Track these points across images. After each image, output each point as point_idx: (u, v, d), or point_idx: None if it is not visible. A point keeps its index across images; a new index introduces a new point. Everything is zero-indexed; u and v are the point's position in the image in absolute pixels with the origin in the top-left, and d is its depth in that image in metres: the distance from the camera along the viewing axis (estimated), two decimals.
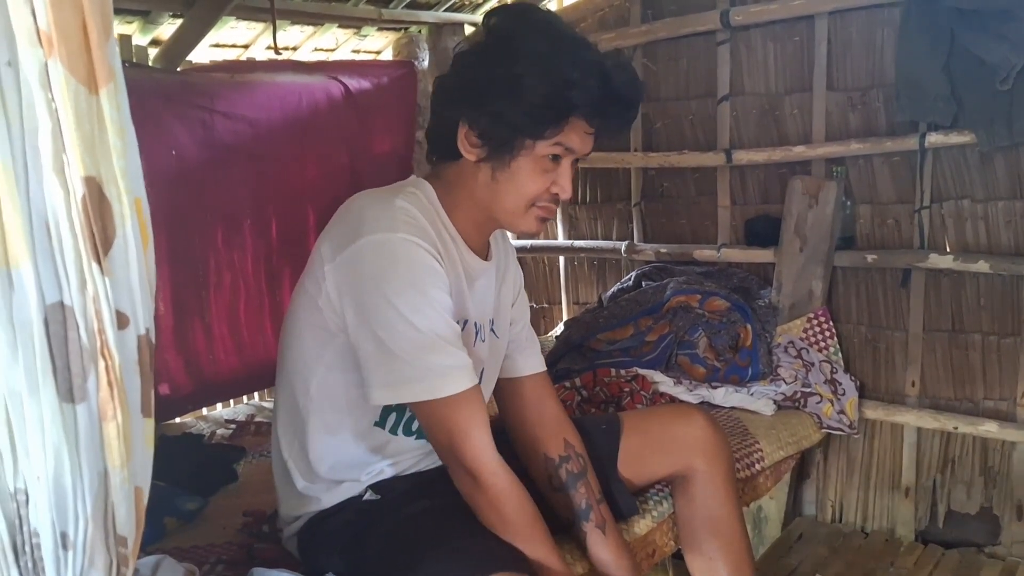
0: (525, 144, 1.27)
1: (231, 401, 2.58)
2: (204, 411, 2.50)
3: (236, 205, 2.39)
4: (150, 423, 0.67)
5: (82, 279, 0.59)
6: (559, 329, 2.98)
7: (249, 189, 2.40)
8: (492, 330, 1.47)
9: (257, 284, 2.47)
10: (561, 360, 2.65)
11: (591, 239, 3.13)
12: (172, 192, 2.20)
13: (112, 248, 0.59)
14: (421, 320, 1.22)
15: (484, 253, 1.43)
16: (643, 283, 2.81)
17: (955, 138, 2.26)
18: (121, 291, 0.61)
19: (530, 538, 1.27)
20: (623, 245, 2.96)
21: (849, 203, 2.50)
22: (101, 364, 0.60)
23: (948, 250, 2.37)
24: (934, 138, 2.29)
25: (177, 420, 2.38)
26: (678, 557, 1.71)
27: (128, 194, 0.60)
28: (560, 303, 3.30)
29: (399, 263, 1.23)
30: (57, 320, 0.59)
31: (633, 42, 2.81)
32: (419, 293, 1.22)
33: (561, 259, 3.25)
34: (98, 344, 0.60)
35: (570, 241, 3.16)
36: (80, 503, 0.61)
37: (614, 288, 2.90)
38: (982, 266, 2.27)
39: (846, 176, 2.49)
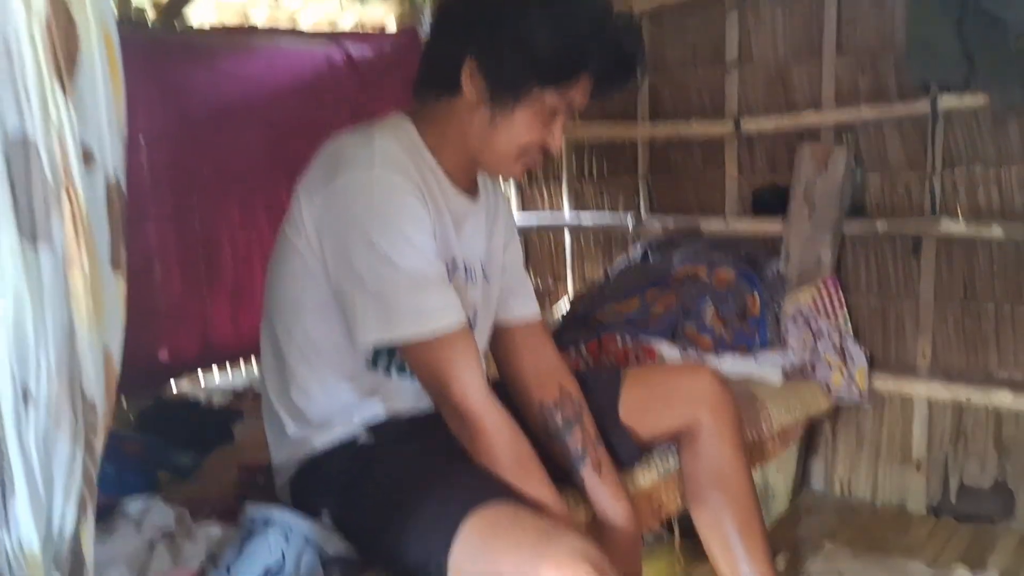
0: (532, 92, 1.23)
1: (229, 370, 2.54)
2: (202, 380, 2.46)
3: (245, 170, 2.36)
4: (121, 282, 0.63)
5: (44, 105, 0.55)
6: (565, 306, 2.94)
7: (259, 153, 2.37)
8: (484, 275, 1.43)
9: (264, 251, 2.42)
10: (566, 331, 2.61)
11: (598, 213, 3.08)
12: (177, 154, 2.17)
13: (77, 70, 0.55)
14: (403, 259, 1.18)
15: (471, 193, 1.40)
16: (650, 255, 2.77)
17: (968, 100, 2.21)
18: (88, 126, 0.57)
19: (525, 477, 1.23)
20: (630, 219, 2.91)
21: (859, 170, 2.46)
22: (66, 203, 0.57)
23: (960, 216, 2.32)
24: (946, 100, 2.24)
25: (174, 388, 2.34)
26: (687, 537, 1.67)
27: (97, 20, 0.56)
28: (565, 280, 3.25)
29: (378, 202, 1.19)
30: (19, 152, 0.55)
31: (640, 8, 2.76)
32: (399, 232, 1.19)
33: (567, 236, 3.20)
34: (62, 179, 0.56)
35: (576, 215, 3.11)
36: (43, 354, 0.57)
37: (621, 262, 2.85)
38: (995, 231, 2.22)
39: (856, 143, 2.45)
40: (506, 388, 1.49)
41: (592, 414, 1.47)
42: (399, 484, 1.23)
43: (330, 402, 1.35)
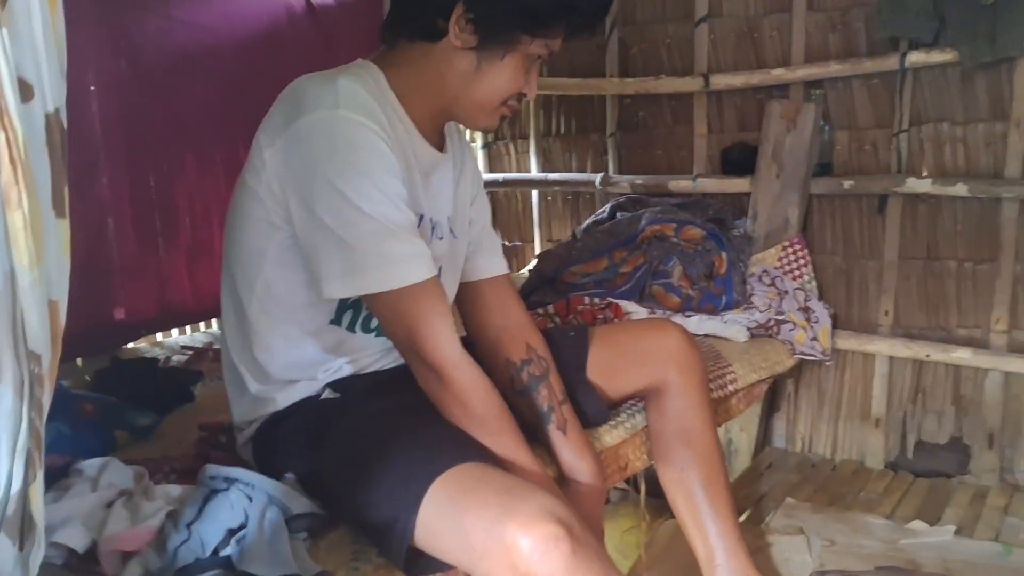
0: (522, 40, 1.22)
1: (187, 328, 2.49)
2: (159, 337, 2.40)
3: (200, 122, 2.27)
4: (65, 226, 0.59)
5: None
6: (532, 264, 2.92)
7: (216, 104, 2.28)
8: (450, 229, 1.40)
9: (221, 208, 2.36)
10: (534, 294, 2.59)
11: (565, 172, 3.05)
12: (129, 105, 2.08)
13: None
14: (370, 205, 1.14)
15: (439, 145, 1.36)
16: (618, 215, 2.75)
17: (936, 56, 2.21)
18: (23, 54, 0.52)
19: (497, 431, 1.22)
20: (598, 178, 2.89)
21: (827, 128, 2.45)
22: (2, 138, 0.52)
23: (926, 174, 2.33)
24: (915, 57, 2.24)
25: (130, 345, 2.29)
26: (652, 494, 1.67)
27: None
28: (533, 241, 3.23)
29: (343, 144, 1.14)
30: None
31: None
32: (366, 176, 1.14)
33: (535, 195, 3.17)
34: None
35: (544, 174, 3.07)
36: None
37: (588, 220, 2.83)
38: (960, 189, 2.24)
39: (825, 100, 2.44)
40: (472, 344, 1.47)
41: (559, 372, 1.45)
42: (365, 441, 1.21)
43: (293, 358, 1.32)
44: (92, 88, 1.99)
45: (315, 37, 2.52)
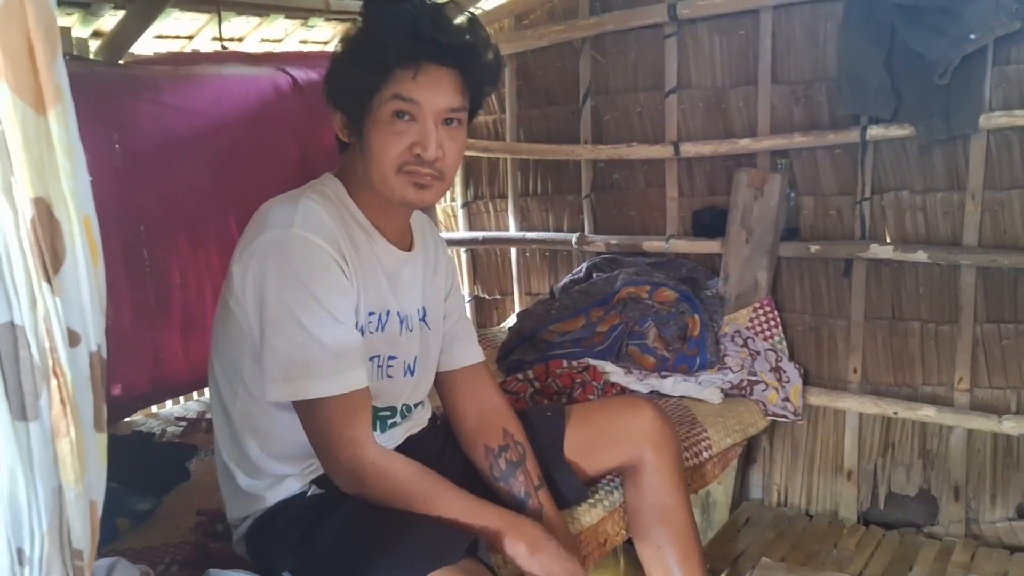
0: (367, 107, 1.29)
1: (181, 398, 2.55)
2: (154, 408, 2.47)
3: (193, 201, 2.34)
4: (103, 438, 0.67)
5: (32, 299, 0.58)
6: (512, 320, 3.01)
7: (205, 184, 2.36)
8: (423, 321, 1.49)
9: (214, 281, 2.43)
10: (514, 352, 2.68)
11: (543, 230, 3.15)
12: (123, 189, 2.16)
13: (63, 267, 0.59)
14: (309, 319, 1.24)
15: (405, 244, 1.45)
16: (594, 274, 2.84)
17: (895, 131, 2.33)
18: (72, 309, 0.61)
19: (433, 497, 1.29)
20: (574, 237, 2.99)
21: (793, 195, 2.56)
22: (53, 382, 0.60)
23: (888, 240, 2.44)
24: (875, 131, 2.35)
25: (126, 419, 2.35)
26: (629, 543, 1.75)
27: (77, 213, 0.60)
28: (512, 294, 3.32)
29: (291, 261, 1.25)
30: (8, 340, 0.58)
31: (582, 34, 2.83)
32: (307, 291, 1.24)
33: (513, 250, 3.27)
34: (50, 363, 0.60)
35: (522, 232, 3.17)
36: (35, 519, 0.62)
37: (565, 279, 2.93)
38: (920, 256, 2.35)
39: (790, 168, 2.55)
40: (453, 432, 1.56)
41: (537, 452, 1.54)
42: (353, 538, 1.28)
43: (278, 456, 1.39)
44: (90, 179, 2.06)
45: (302, 112, 2.60)
